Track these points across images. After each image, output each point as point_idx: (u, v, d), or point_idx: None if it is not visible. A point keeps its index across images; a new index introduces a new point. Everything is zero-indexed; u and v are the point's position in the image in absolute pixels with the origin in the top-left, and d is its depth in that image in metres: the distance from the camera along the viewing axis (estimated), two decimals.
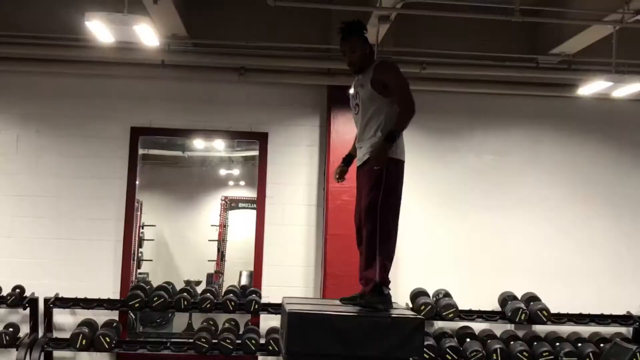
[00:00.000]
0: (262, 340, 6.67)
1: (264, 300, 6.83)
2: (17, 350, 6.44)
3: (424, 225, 7.13)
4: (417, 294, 6.84)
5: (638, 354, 6.49)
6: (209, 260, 10.22)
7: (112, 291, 6.92)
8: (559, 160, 7.39)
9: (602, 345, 6.62)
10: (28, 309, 6.70)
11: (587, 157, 7.41)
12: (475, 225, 7.21)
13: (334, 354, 3.83)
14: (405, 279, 6.75)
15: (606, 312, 6.98)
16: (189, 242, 10.75)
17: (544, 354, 6.54)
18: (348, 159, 4.43)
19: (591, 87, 6.21)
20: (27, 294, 6.71)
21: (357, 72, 4.20)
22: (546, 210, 7.28)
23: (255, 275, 7.21)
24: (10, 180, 7.04)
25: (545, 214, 7.28)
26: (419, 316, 4.28)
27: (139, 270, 9.10)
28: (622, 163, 7.42)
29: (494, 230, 7.21)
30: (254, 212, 7.41)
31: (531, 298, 6.90)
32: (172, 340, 6.89)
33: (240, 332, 6.80)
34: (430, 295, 6.91)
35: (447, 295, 6.86)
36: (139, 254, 9.22)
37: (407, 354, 3.87)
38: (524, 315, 6.65)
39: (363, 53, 4.16)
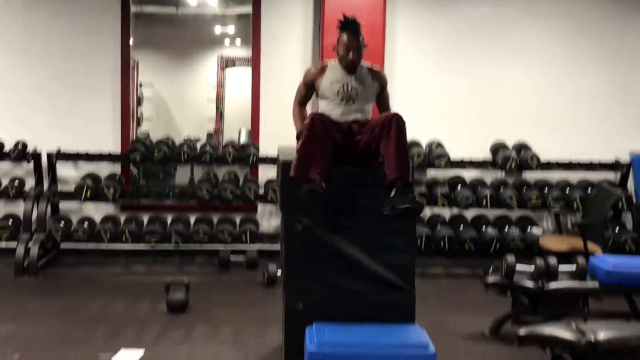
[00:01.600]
0: (261, 191, 6.90)
1: (261, 153, 6.99)
2: (24, 201, 6.70)
3: (418, 76, 7.18)
4: (411, 145, 6.98)
5: (623, 197, 6.78)
6: (208, 119, 10.37)
7: (113, 146, 7.08)
8: (555, 12, 7.32)
9: (589, 190, 6.83)
10: (32, 164, 6.89)
11: (584, 9, 7.34)
12: (469, 76, 7.26)
13: (326, 199, 3.96)
14: None
15: (595, 160, 7.17)
16: (188, 101, 10.85)
17: (532, 199, 6.79)
18: None
19: None
20: (30, 149, 6.87)
21: (352, 73, 4.09)
22: (542, 62, 7.30)
23: (253, 129, 7.35)
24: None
25: (541, 65, 7.30)
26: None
27: (139, 129, 9.27)
28: (618, 15, 7.35)
29: (488, 81, 7.26)
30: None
31: (522, 146, 7.05)
32: (174, 191, 7.11)
33: (240, 184, 7.02)
34: (424, 146, 7.07)
35: (439, 145, 7.02)
36: (139, 113, 9.35)
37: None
38: (514, 162, 6.83)
39: (362, 56, 4.12)
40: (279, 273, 6.05)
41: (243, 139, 9.09)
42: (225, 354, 4.66)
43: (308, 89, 4.27)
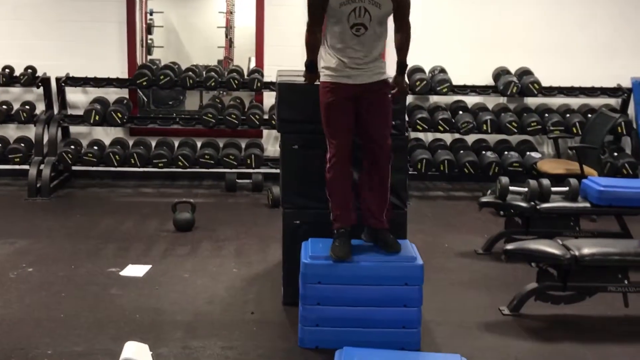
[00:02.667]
0: (266, 116, 7.03)
1: (266, 79, 7.09)
2: (35, 125, 6.88)
3: (423, 2, 7.18)
4: (414, 71, 7.06)
5: (622, 122, 6.86)
6: (218, 47, 10.43)
7: (120, 72, 7.19)
8: None
9: (589, 115, 6.91)
10: (41, 89, 7.04)
11: None
12: (473, 2, 7.25)
13: (320, 120, 4.11)
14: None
15: (597, 85, 7.22)
16: (198, 29, 10.89)
17: (532, 124, 6.89)
18: (315, 66, 3.91)
19: None
20: (39, 74, 7.01)
21: None
22: None
23: (257, 56, 7.42)
24: None
25: None
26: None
27: (149, 57, 9.36)
28: None
29: (492, 7, 7.25)
30: None
31: (524, 72, 7.11)
32: (181, 116, 7.26)
33: (245, 109, 7.15)
34: (427, 71, 7.14)
35: (442, 71, 7.09)
36: (149, 41, 9.41)
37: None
38: (515, 88, 6.90)
39: None
40: None
41: (252, 66, 9.17)
42: (228, 267, 4.90)
43: (321, 7, 3.71)
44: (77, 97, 7.23)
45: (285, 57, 7.03)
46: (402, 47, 3.88)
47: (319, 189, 4.02)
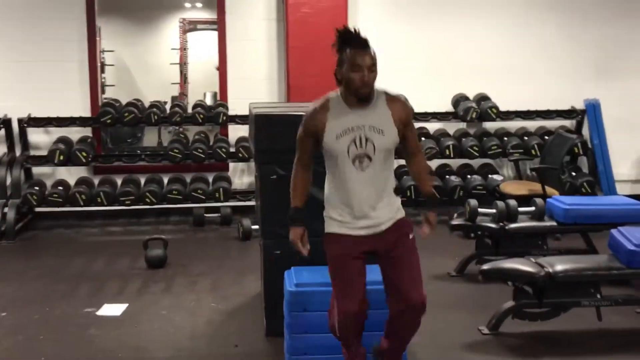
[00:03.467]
0: (232, 149, 7.07)
1: (230, 112, 7.14)
2: None
3: (381, 31, 7.29)
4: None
5: (579, 143, 7.10)
6: (172, 83, 10.42)
7: (82, 111, 7.15)
8: None
9: (546, 137, 7.13)
10: (3, 130, 6.95)
11: None
12: (430, 30, 7.45)
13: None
14: None
15: (552, 108, 7.47)
16: (151, 66, 10.85)
17: (492, 148, 7.08)
18: (300, 215, 3.27)
19: None
20: (0, 116, 6.93)
21: (365, 100, 3.04)
22: (499, 16, 7.50)
23: (221, 90, 7.48)
24: None
25: (499, 19, 7.50)
26: None
27: (103, 96, 9.29)
28: None
29: (449, 36, 7.46)
30: (214, 33, 7.54)
31: (482, 98, 7.32)
32: (147, 152, 7.24)
33: (211, 143, 7.17)
34: None
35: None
36: (102, 79, 9.36)
37: None
38: (475, 113, 7.10)
39: (376, 77, 3.04)
40: (253, 227, 6.26)
41: (208, 101, 9.20)
42: (205, 301, 4.89)
43: (311, 140, 3.16)
44: (40, 138, 7.16)
45: (249, 90, 7.11)
46: (424, 174, 3.35)
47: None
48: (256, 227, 6.15)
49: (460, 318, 4.54)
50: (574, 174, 7.18)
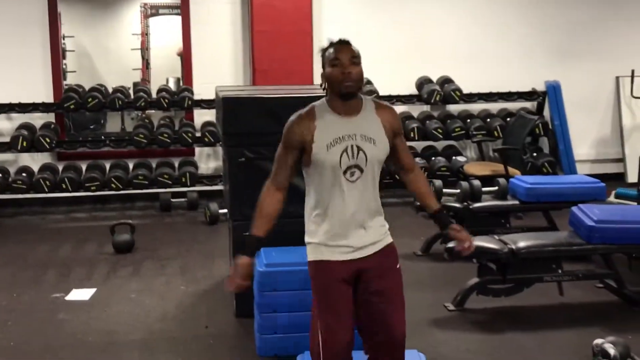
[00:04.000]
0: (198, 134, 7.06)
1: (196, 97, 7.13)
2: None
3: (345, 16, 7.37)
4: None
5: (540, 124, 7.25)
6: (133, 69, 10.33)
7: (45, 96, 7.07)
8: None
9: (508, 119, 7.27)
10: None
11: None
12: (395, 13, 7.50)
13: (267, 132, 4.21)
14: None
15: (514, 90, 7.60)
16: (111, 52, 10.74)
17: (456, 130, 7.18)
18: (256, 246, 2.87)
19: None
20: None
21: (347, 98, 2.71)
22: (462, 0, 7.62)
23: (186, 75, 7.46)
24: None
25: (462, 3, 7.59)
26: None
27: (64, 82, 9.18)
28: None
29: (413, 19, 7.51)
30: (176, 17, 7.50)
31: (445, 80, 7.41)
32: (111, 138, 7.19)
33: (176, 128, 7.16)
34: None
35: (368, 82, 7.29)
36: (63, 66, 9.25)
37: None
38: (438, 96, 7.20)
39: (362, 73, 2.76)
40: (221, 211, 6.28)
41: (172, 88, 9.15)
42: (175, 284, 4.91)
43: (294, 153, 2.77)
44: (2, 124, 7.06)
45: (214, 75, 7.09)
46: (426, 189, 3.01)
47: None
48: (224, 211, 6.19)
49: (427, 295, 4.63)
50: (535, 154, 7.33)
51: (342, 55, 2.71)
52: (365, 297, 2.80)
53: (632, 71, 7.53)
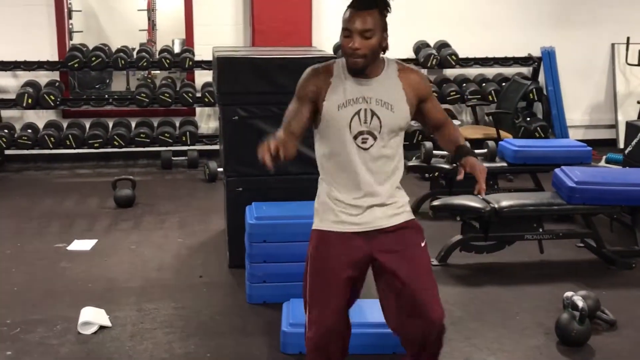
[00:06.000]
0: (199, 94, 7.22)
1: (197, 58, 7.27)
2: None
3: None
4: (339, 47, 7.36)
5: (533, 89, 7.37)
6: (140, 30, 10.44)
7: (49, 55, 7.22)
8: None
9: (503, 84, 7.39)
10: None
11: None
12: None
13: (260, 91, 4.37)
14: (326, 37, 7.24)
15: (509, 55, 7.71)
16: (118, 12, 10.86)
17: (451, 94, 7.32)
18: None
19: None
20: None
21: (358, 74, 2.51)
22: None
23: (187, 36, 7.59)
24: None
25: None
26: (332, 55, 4.82)
27: (71, 42, 9.31)
28: None
29: None
30: None
31: (442, 45, 7.53)
32: (115, 97, 7.36)
33: (177, 89, 7.31)
34: None
35: None
36: (70, 26, 9.37)
37: None
38: (435, 60, 7.32)
39: (379, 44, 2.49)
40: (219, 169, 6.47)
41: (176, 49, 9.27)
42: (172, 237, 5.13)
43: (308, 107, 2.55)
44: (7, 82, 7.23)
45: (216, 36, 7.20)
46: (456, 133, 2.71)
47: (258, 156, 4.29)
48: (222, 169, 6.37)
49: None
50: (528, 119, 7.46)
51: (353, 25, 2.44)
52: (383, 280, 2.62)
53: (628, 38, 7.62)
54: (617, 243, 4.86)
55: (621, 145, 7.66)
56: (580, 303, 3.56)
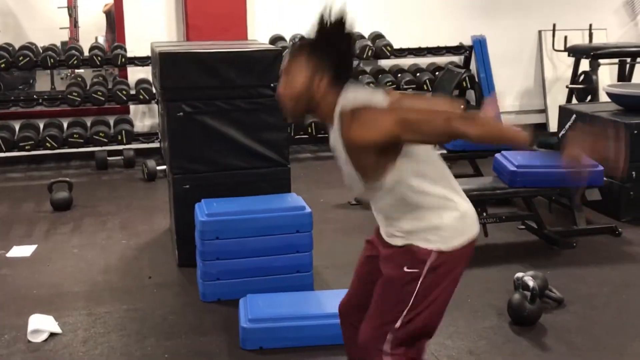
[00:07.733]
0: (133, 92, 7.07)
1: (129, 54, 7.11)
2: None
3: None
4: (276, 39, 7.33)
5: (466, 77, 7.52)
6: (61, 28, 10.15)
7: None
8: None
9: (437, 73, 7.51)
10: None
11: None
12: None
13: (204, 86, 4.32)
14: (264, 26, 7.20)
15: (442, 45, 7.84)
16: (37, 10, 10.53)
17: (387, 84, 7.40)
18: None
19: None
20: None
21: (299, 119, 2.48)
22: None
23: (118, 32, 7.42)
24: None
25: None
26: (277, 48, 4.80)
27: None
28: None
29: None
30: None
31: (377, 36, 7.59)
32: (44, 97, 7.13)
33: (110, 86, 7.14)
34: (288, 40, 7.45)
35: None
36: None
37: (268, 82, 4.38)
38: (370, 51, 7.37)
39: (307, 88, 2.26)
40: (159, 168, 6.36)
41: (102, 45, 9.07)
42: (116, 239, 5.01)
43: None
44: None
45: (147, 32, 7.06)
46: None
47: (205, 151, 4.26)
48: (161, 167, 6.27)
49: (361, 240, 4.79)
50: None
51: (281, 68, 2.29)
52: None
53: (554, 25, 7.84)
54: (556, 224, 5.01)
55: (551, 129, 7.91)
56: (531, 283, 3.67)
